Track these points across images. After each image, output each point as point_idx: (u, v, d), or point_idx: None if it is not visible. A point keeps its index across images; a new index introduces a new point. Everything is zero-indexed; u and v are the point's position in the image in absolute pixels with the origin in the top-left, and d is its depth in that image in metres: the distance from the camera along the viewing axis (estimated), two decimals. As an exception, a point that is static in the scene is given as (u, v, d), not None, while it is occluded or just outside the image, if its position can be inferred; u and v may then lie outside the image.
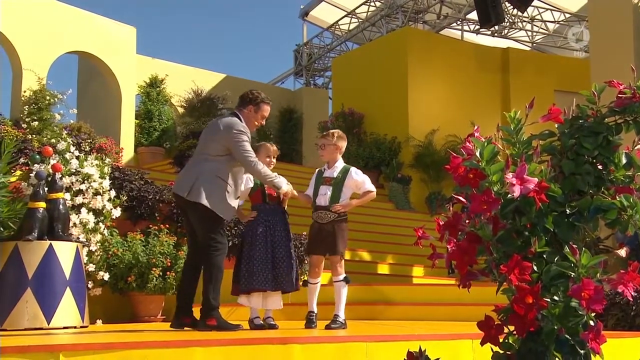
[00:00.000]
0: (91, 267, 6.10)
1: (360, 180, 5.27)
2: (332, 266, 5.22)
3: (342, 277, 5.17)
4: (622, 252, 7.15)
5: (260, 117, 5.24)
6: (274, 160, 5.41)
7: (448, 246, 1.67)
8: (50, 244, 5.32)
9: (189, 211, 4.98)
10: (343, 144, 5.35)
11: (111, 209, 6.49)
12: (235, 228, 6.87)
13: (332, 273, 5.25)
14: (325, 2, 20.51)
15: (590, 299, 1.50)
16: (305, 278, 5.43)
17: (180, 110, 15.95)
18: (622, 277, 1.55)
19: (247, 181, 5.28)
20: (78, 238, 5.89)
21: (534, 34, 19.38)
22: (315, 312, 5.23)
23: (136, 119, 14.63)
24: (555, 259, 1.61)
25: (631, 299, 5.29)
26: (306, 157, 17.60)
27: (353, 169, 5.33)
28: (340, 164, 5.32)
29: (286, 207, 5.38)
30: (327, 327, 5.00)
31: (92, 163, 6.49)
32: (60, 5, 12.98)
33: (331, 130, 5.44)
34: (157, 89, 15.14)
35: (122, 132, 13.77)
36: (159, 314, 6.57)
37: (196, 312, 4.98)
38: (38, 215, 5.38)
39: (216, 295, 4.87)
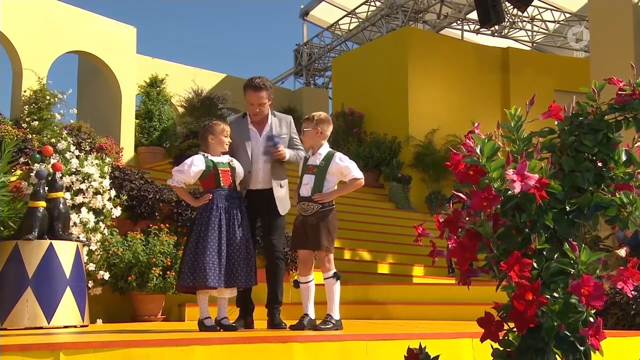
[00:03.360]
0: (91, 267, 6.10)
1: (344, 166, 4.75)
2: (320, 262, 4.76)
3: (332, 272, 4.71)
4: (622, 252, 7.14)
5: (248, 103, 5.09)
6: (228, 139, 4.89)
7: (449, 243, 1.67)
8: (51, 243, 5.32)
9: None
10: (326, 128, 4.82)
11: (111, 209, 6.48)
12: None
13: (321, 270, 4.79)
14: (326, 1, 20.51)
15: (590, 295, 1.50)
16: (296, 277, 4.95)
17: (181, 110, 15.96)
18: (622, 274, 1.55)
19: (193, 165, 4.73)
20: (78, 237, 5.88)
21: (534, 33, 19.38)
22: (310, 315, 4.72)
23: (136, 118, 14.64)
24: (555, 256, 1.61)
25: (631, 296, 5.32)
26: (306, 156, 17.60)
27: (338, 155, 4.79)
28: (324, 149, 4.81)
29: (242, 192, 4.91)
30: (316, 328, 4.57)
31: (92, 162, 6.48)
32: (60, 5, 12.99)
33: (313, 113, 4.89)
34: (157, 88, 15.14)
35: (122, 132, 13.79)
36: (159, 314, 6.57)
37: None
38: (38, 214, 5.37)
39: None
